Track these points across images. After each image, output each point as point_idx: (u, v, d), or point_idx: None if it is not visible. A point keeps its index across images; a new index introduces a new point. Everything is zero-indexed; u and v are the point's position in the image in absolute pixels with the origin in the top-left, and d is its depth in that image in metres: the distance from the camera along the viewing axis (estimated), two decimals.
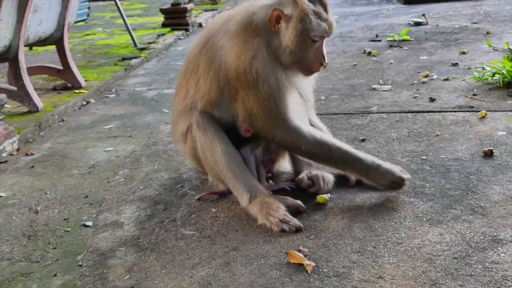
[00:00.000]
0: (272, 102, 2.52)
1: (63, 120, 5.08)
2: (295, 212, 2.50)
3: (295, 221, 2.41)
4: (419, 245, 2.18)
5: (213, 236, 2.42)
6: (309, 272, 2.08)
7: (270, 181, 2.81)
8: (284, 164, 2.98)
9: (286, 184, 2.76)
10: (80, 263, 2.53)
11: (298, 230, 2.38)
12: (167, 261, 2.27)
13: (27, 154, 4.18)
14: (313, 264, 2.11)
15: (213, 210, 2.66)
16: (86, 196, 3.29)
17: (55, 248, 2.73)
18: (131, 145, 4.14)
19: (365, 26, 7.29)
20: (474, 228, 2.26)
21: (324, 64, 2.55)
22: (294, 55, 2.50)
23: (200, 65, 2.71)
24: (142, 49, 8.35)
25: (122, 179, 3.15)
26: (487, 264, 2.02)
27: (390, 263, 2.09)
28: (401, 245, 2.20)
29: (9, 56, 5.07)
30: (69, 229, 2.91)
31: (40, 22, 5.47)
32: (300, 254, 2.17)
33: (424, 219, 2.37)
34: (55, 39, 6.00)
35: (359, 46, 5.97)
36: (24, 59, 5.18)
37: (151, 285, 2.13)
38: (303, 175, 2.75)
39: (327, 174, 2.73)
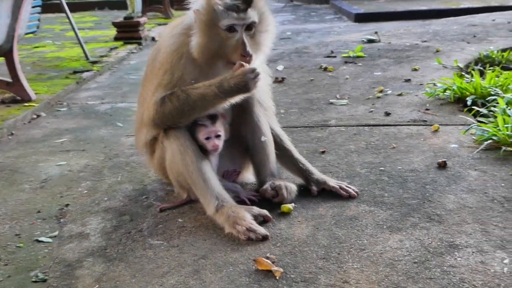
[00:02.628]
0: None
1: (12, 134, 4.94)
2: (261, 221, 2.57)
3: (261, 230, 2.47)
4: (381, 251, 2.28)
5: (181, 245, 2.46)
6: (277, 278, 2.15)
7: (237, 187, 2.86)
8: (248, 175, 3.05)
9: (250, 194, 2.82)
10: (33, 279, 2.49)
11: (264, 238, 2.44)
12: (136, 270, 2.29)
13: None
14: (281, 270, 2.17)
15: (180, 220, 2.70)
16: (39, 211, 3.22)
17: (6, 265, 2.65)
18: (84, 159, 4.08)
19: (320, 43, 7.46)
20: (432, 235, 2.38)
21: (247, 56, 2.52)
22: (206, 49, 2.55)
23: (149, 70, 2.83)
24: (94, 62, 8.26)
25: (85, 191, 3.15)
26: (445, 268, 2.13)
27: (354, 268, 2.18)
28: (364, 251, 2.30)
29: None
30: (21, 245, 2.83)
31: None
32: (268, 261, 2.23)
33: (384, 227, 2.48)
34: (4, 51, 5.86)
35: (315, 61, 6.13)
36: None
37: None
38: (267, 185, 2.82)
39: (290, 184, 2.81)
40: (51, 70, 7.75)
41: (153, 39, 10.90)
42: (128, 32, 10.43)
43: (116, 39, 10.45)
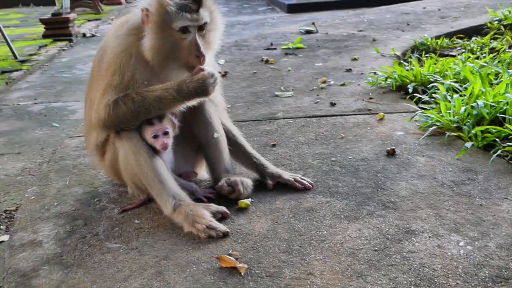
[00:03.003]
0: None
1: None
2: (219, 218, 2.56)
3: (221, 227, 2.46)
4: (341, 241, 2.32)
5: (140, 247, 2.42)
6: (242, 274, 2.14)
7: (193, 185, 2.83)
8: (202, 173, 3.03)
9: (207, 192, 2.80)
10: None
11: (225, 235, 2.43)
12: (96, 276, 2.23)
13: None
14: (246, 266, 2.17)
15: (136, 221, 2.65)
16: None
17: None
18: (21, 162, 3.95)
19: (259, 35, 7.48)
20: (388, 222, 2.44)
21: (200, 56, 2.52)
22: (160, 51, 2.52)
23: (96, 71, 2.76)
24: (23, 61, 7.99)
25: (33, 197, 3.03)
26: (405, 253, 2.20)
27: (317, 259, 2.21)
28: (325, 242, 2.33)
29: None
30: None
31: None
32: (232, 258, 2.22)
33: (342, 217, 2.52)
34: None
35: (256, 54, 6.14)
36: None
37: None
38: (223, 182, 2.81)
39: (245, 179, 2.81)
40: None
41: (84, 35, 10.64)
42: (58, 29, 10.17)
43: (45, 36, 10.16)
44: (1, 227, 2.98)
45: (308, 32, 7.14)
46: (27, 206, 2.93)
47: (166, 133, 2.64)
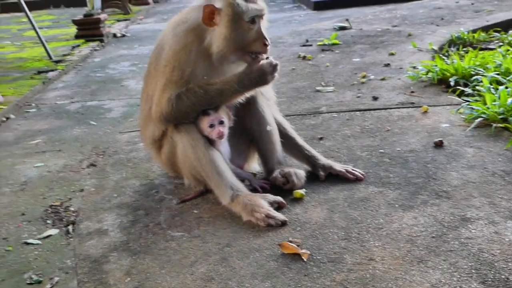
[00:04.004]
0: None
1: None
2: (276, 207, 2.65)
3: (280, 216, 2.55)
4: (398, 228, 2.39)
5: (202, 235, 2.52)
6: (305, 260, 2.23)
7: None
8: (254, 165, 3.12)
9: (262, 182, 2.89)
10: (28, 282, 2.50)
11: (283, 224, 2.52)
12: (164, 262, 2.34)
13: None
14: (308, 252, 2.26)
15: (195, 211, 2.75)
16: (23, 214, 3.19)
17: None
18: (62, 159, 4.04)
19: (293, 32, 7.56)
20: (443, 210, 2.50)
21: (267, 44, 2.66)
22: (232, 42, 2.63)
23: (153, 67, 2.87)
24: (57, 62, 8.14)
25: (93, 189, 3.16)
26: (463, 240, 2.26)
27: (377, 246, 2.28)
28: (382, 229, 2.40)
29: None
30: (10, 248, 2.82)
31: None
32: (293, 245, 2.31)
33: (396, 205, 2.59)
34: None
35: (292, 51, 6.21)
36: None
37: (154, 285, 2.19)
38: (276, 173, 2.89)
39: (298, 171, 2.90)
40: (15, 71, 7.61)
41: (114, 35, 10.79)
42: (89, 30, 10.32)
43: (77, 37, 10.32)
44: (48, 221, 3.07)
45: (342, 28, 7.19)
46: (89, 197, 3.05)
47: (221, 123, 2.74)
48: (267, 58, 2.68)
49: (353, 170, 2.94)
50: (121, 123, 4.68)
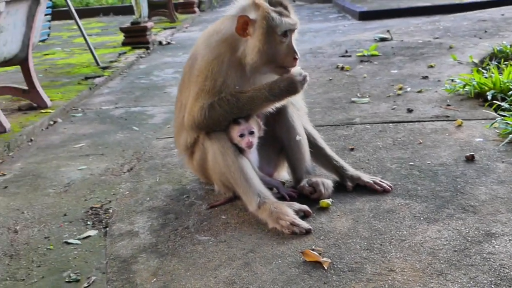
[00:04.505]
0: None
1: (31, 140, 5.01)
2: (301, 216, 2.70)
3: (304, 224, 2.60)
4: (421, 241, 2.41)
5: (228, 240, 2.59)
6: (325, 268, 2.27)
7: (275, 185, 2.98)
8: (283, 174, 3.18)
9: (289, 191, 2.95)
10: (67, 280, 2.59)
11: (308, 232, 2.57)
12: (189, 264, 2.42)
13: None
14: (329, 260, 2.30)
15: (223, 217, 2.83)
16: (65, 214, 3.30)
17: (39, 266, 2.73)
18: (104, 163, 4.16)
19: (333, 42, 7.59)
20: (468, 225, 2.50)
21: (297, 58, 2.74)
22: (264, 54, 2.70)
23: (187, 77, 2.96)
24: (104, 68, 8.37)
25: (127, 192, 3.28)
26: (485, 255, 2.26)
27: (398, 257, 2.31)
28: (405, 241, 2.42)
29: None
30: (51, 247, 2.92)
31: (5, 43, 5.44)
32: (315, 253, 2.36)
33: (421, 218, 2.60)
34: (20, 60, 5.94)
35: (331, 61, 6.25)
36: None
37: (178, 286, 2.27)
38: (304, 182, 2.94)
39: (326, 180, 2.94)
40: (63, 76, 7.86)
41: (160, 43, 11.02)
42: (136, 37, 10.56)
43: (124, 44, 10.56)
44: (88, 222, 3.18)
45: (383, 39, 7.18)
46: (123, 200, 3.17)
47: (251, 133, 2.81)
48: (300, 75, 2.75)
49: (381, 181, 2.96)
50: (162, 129, 4.80)
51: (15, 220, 3.25)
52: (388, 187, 2.92)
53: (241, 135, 2.80)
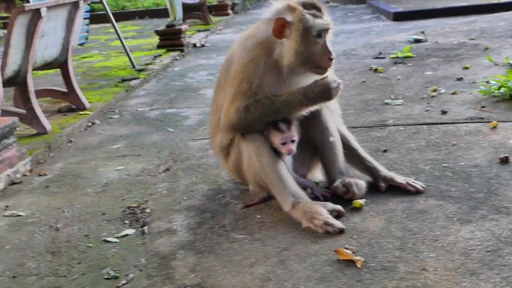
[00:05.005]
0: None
1: (71, 141, 5.12)
2: (335, 216, 2.75)
3: (338, 223, 2.65)
4: (454, 241, 2.44)
5: (263, 239, 2.66)
6: (358, 266, 2.32)
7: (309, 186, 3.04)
8: (316, 174, 3.23)
9: (323, 191, 3.00)
10: (106, 277, 2.67)
11: (341, 231, 2.62)
12: (226, 261, 2.50)
13: (40, 175, 4.24)
14: (363, 259, 2.35)
15: (258, 216, 2.90)
16: (103, 213, 3.38)
17: (79, 263, 2.82)
18: (140, 163, 4.24)
19: (367, 44, 7.60)
20: (502, 226, 2.52)
21: (332, 58, 2.80)
22: (300, 55, 2.76)
23: (223, 79, 3.04)
24: (140, 70, 8.49)
25: (165, 191, 3.39)
26: None
27: (430, 257, 2.34)
28: (438, 241, 2.45)
29: (17, 80, 5.17)
30: (91, 245, 3.00)
31: (46, 47, 5.59)
32: (349, 251, 2.41)
33: (454, 219, 2.63)
34: (60, 63, 6.09)
35: (364, 63, 6.27)
36: (32, 83, 5.29)
37: (215, 282, 2.36)
38: (338, 183, 2.99)
39: (359, 181, 2.98)
40: (101, 79, 8.01)
41: (194, 45, 11.14)
42: (171, 40, 10.66)
43: (159, 46, 10.68)
44: (126, 221, 3.27)
45: (417, 41, 7.16)
46: (161, 199, 3.28)
47: (293, 141, 2.88)
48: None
49: (414, 182, 2.99)
50: (197, 130, 4.89)
51: (56, 218, 3.36)
52: (421, 188, 2.95)
53: (283, 143, 2.87)
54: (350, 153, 3.12)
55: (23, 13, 4.67)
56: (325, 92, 2.78)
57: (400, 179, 3.03)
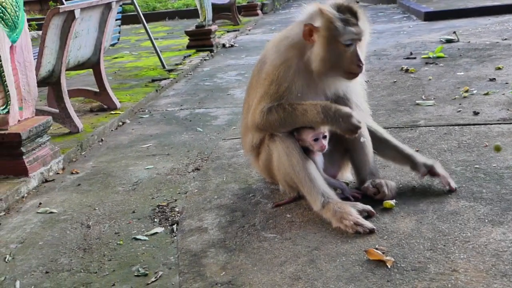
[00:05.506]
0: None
1: (102, 140, 5.19)
2: (365, 216, 2.76)
3: (368, 224, 2.66)
4: (485, 243, 2.42)
5: (293, 238, 2.68)
6: (389, 266, 2.33)
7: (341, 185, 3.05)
8: (347, 175, 3.24)
9: (353, 192, 3.01)
10: (135, 274, 2.70)
11: (371, 232, 2.63)
12: (256, 260, 2.54)
13: (72, 173, 4.31)
14: (393, 259, 2.35)
15: (288, 215, 2.93)
16: (133, 212, 3.42)
17: (110, 260, 2.85)
18: (170, 163, 4.27)
19: (398, 44, 7.56)
20: None
21: (361, 65, 2.77)
22: (327, 62, 2.77)
23: (255, 80, 3.06)
24: (170, 71, 8.54)
25: (196, 190, 3.43)
26: None
27: (461, 258, 2.33)
28: (469, 243, 2.44)
29: (52, 80, 5.28)
30: (121, 242, 3.04)
31: (79, 47, 5.69)
32: (378, 252, 2.42)
33: (486, 221, 2.61)
34: (92, 63, 6.18)
35: (395, 63, 6.24)
36: (65, 83, 5.39)
37: (246, 280, 2.39)
38: (368, 183, 3.00)
39: (390, 182, 2.99)
40: (131, 79, 8.09)
41: (223, 45, 11.18)
42: (200, 40, 10.71)
43: (189, 47, 10.74)
44: (155, 220, 3.30)
45: (449, 41, 7.09)
46: (192, 198, 3.33)
47: (325, 137, 2.90)
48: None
49: (450, 179, 2.99)
50: (226, 130, 4.92)
51: (87, 216, 3.43)
52: (454, 187, 2.94)
53: (315, 139, 2.89)
54: (385, 145, 3.11)
55: (57, 14, 4.77)
56: (344, 119, 2.74)
57: (440, 169, 3.01)
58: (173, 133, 5.22)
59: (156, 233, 3.11)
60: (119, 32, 7.72)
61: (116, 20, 7.12)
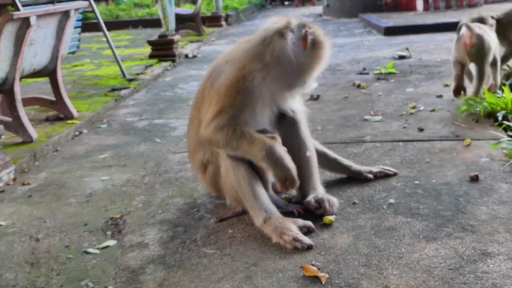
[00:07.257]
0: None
1: (57, 150, 5.08)
2: (305, 232, 2.79)
3: (306, 240, 2.70)
4: (418, 259, 2.48)
5: (233, 254, 2.70)
6: (323, 283, 2.36)
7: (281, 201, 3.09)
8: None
9: (296, 207, 3.05)
10: None
11: (309, 247, 2.66)
12: (194, 276, 2.54)
13: (23, 184, 4.21)
14: (327, 276, 2.39)
15: (230, 231, 2.94)
16: (86, 224, 3.36)
17: (58, 275, 2.79)
18: (126, 174, 4.22)
19: (353, 60, 7.68)
20: (465, 244, 2.56)
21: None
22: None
23: (207, 93, 3.04)
24: (131, 80, 8.45)
25: (140, 205, 3.42)
26: (478, 274, 2.32)
27: (394, 274, 2.38)
28: (402, 259, 2.50)
29: (5, 88, 5.16)
30: (71, 256, 2.98)
31: (35, 55, 5.58)
32: (314, 268, 2.45)
33: (421, 236, 2.68)
34: (49, 71, 6.05)
35: (348, 78, 6.34)
36: (19, 91, 5.27)
37: None
38: (311, 198, 3.04)
39: (332, 198, 3.04)
40: (91, 88, 7.97)
41: (186, 56, 11.16)
42: (163, 50, 10.66)
43: (151, 56, 10.68)
44: (108, 232, 3.26)
45: (402, 57, 7.25)
46: (136, 212, 3.31)
47: None
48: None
49: (386, 169, 3.45)
50: (184, 142, 4.90)
51: (37, 228, 3.36)
52: (393, 172, 3.43)
53: None
54: (325, 158, 3.33)
55: (11, 21, 4.68)
56: (283, 173, 2.78)
57: (375, 168, 3.46)
58: (131, 143, 5.16)
59: (108, 246, 3.05)
60: (79, 40, 7.61)
61: (76, 27, 7.02)
